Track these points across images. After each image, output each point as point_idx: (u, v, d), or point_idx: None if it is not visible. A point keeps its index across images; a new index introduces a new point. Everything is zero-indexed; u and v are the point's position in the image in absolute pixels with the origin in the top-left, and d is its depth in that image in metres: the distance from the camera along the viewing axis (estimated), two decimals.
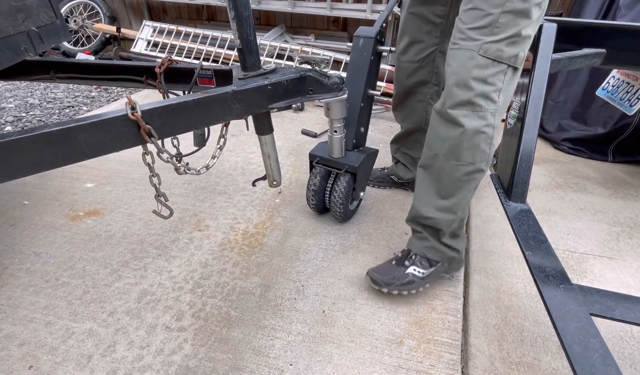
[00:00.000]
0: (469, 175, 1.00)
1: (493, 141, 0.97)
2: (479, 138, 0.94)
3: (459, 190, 1.03)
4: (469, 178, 1.00)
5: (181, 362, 0.96)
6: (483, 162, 0.98)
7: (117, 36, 3.31)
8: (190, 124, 0.89)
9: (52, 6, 1.27)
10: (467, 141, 0.95)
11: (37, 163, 0.74)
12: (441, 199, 1.05)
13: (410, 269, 1.12)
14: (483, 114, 0.92)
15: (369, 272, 1.15)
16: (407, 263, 1.13)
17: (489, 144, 0.97)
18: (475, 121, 0.93)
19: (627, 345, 1.03)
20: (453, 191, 1.03)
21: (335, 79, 1.04)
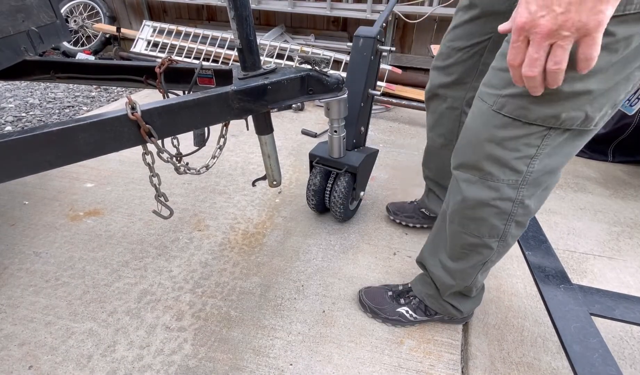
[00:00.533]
0: (473, 248, 0.83)
1: (518, 218, 0.75)
2: (484, 212, 0.75)
3: (464, 259, 0.87)
4: (472, 250, 0.84)
5: (181, 362, 0.96)
6: (493, 238, 0.79)
7: (117, 36, 3.31)
8: (190, 124, 0.89)
9: (52, 6, 1.27)
10: (469, 211, 0.78)
11: (37, 163, 0.74)
12: (448, 258, 0.91)
13: (403, 309, 1.04)
14: (494, 185, 0.71)
15: (361, 291, 1.12)
16: (402, 302, 1.05)
17: (506, 220, 0.75)
18: (480, 191, 0.73)
19: (627, 345, 1.03)
20: (458, 256, 0.88)
21: (335, 79, 1.04)
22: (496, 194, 0.72)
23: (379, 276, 1.23)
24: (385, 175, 1.80)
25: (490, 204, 0.74)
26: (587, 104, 0.58)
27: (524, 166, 0.68)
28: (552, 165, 0.68)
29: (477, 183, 0.74)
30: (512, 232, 0.78)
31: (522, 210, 0.74)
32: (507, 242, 0.81)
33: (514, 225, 0.77)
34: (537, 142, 0.65)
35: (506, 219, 0.75)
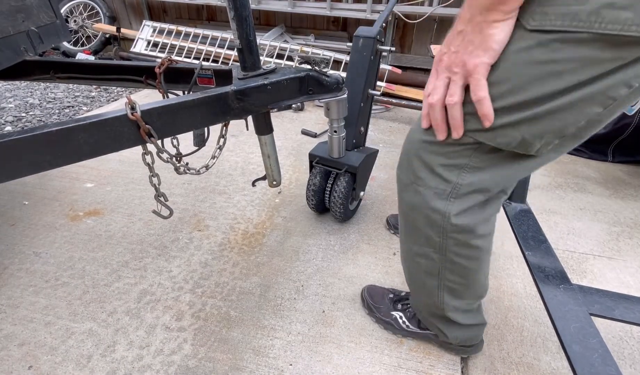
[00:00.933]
0: (413, 256, 0.81)
1: (454, 235, 0.70)
2: (417, 218, 0.73)
3: (409, 270, 0.86)
4: (412, 257, 0.81)
5: (181, 362, 0.96)
6: (431, 248, 0.75)
7: (117, 36, 3.31)
8: (190, 124, 0.89)
9: (52, 6, 1.27)
10: (405, 214, 0.76)
11: (37, 163, 0.74)
12: (403, 266, 0.91)
13: (397, 314, 1.02)
14: (422, 191, 0.69)
15: (364, 288, 1.13)
16: (399, 307, 1.03)
17: (440, 233, 0.71)
18: (412, 195, 0.71)
19: (627, 345, 1.03)
20: (410, 264, 0.86)
21: (335, 79, 1.04)
22: (423, 201, 0.69)
23: (379, 276, 1.23)
24: (385, 175, 1.80)
25: (419, 210, 0.71)
26: (524, 126, 0.55)
27: (452, 177, 0.65)
28: (486, 183, 0.64)
29: (409, 186, 0.72)
30: (452, 249, 0.72)
31: (453, 227, 0.69)
32: (452, 260, 0.74)
33: (453, 243, 0.71)
34: (467, 153, 0.62)
35: (440, 232, 0.71)
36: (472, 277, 0.78)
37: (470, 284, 0.80)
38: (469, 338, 0.93)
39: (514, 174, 0.64)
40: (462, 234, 0.70)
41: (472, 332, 0.92)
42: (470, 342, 0.94)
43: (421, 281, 0.84)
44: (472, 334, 0.93)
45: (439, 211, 0.68)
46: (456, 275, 0.78)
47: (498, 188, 0.67)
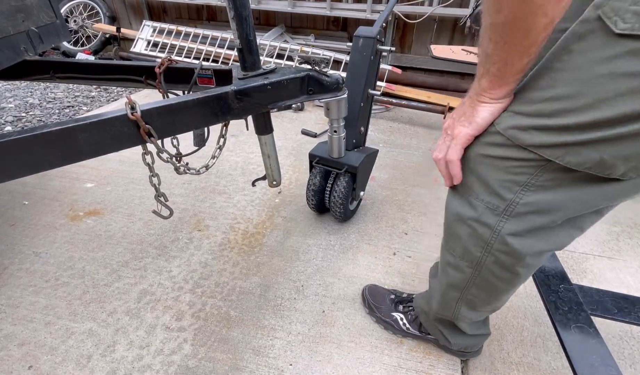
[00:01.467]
0: (447, 265, 0.78)
1: (499, 255, 0.65)
2: (460, 229, 0.69)
3: (440, 275, 0.82)
4: (446, 267, 0.78)
5: (181, 362, 0.96)
6: (465, 262, 0.71)
7: (117, 36, 3.30)
8: (189, 124, 0.89)
9: (52, 6, 1.27)
10: (448, 223, 0.73)
11: (37, 163, 0.74)
12: (431, 277, 0.90)
13: (398, 315, 1.02)
14: (474, 203, 0.64)
15: (366, 287, 1.13)
16: (401, 309, 1.03)
17: (482, 248, 0.66)
18: (460, 206, 0.68)
19: (627, 345, 1.03)
20: (435, 275, 0.86)
21: (335, 79, 1.04)
22: (474, 213, 0.65)
23: (379, 276, 1.23)
24: (385, 175, 1.80)
25: (465, 221, 0.67)
26: (605, 146, 0.48)
27: (511, 194, 0.59)
28: (549, 203, 0.57)
29: (459, 195, 0.68)
30: (490, 267, 0.68)
31: (502, 247, 0.64)
32: (485, 278, 0.70)
33: (493, 261, 0.67)
34: (530, 170, 0.56)
35: (483, 248, 0.66)
36: (498, 296, 0.75)
37: (492, 301, 0.77)
38: (470, 346, 0.93)
39: (587, 199, 0.56)
40: (508, 257, 0.65)
41: (475, 340, 0.92)
42: (471, 349, 0.94)
43: (442, 291, 0.81)
44: (474, 343, 0.92)
45: (489, 226, 0.63)
46: (482, 291, 0.74)
47: (564, 214, 0.59)
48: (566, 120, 0.50)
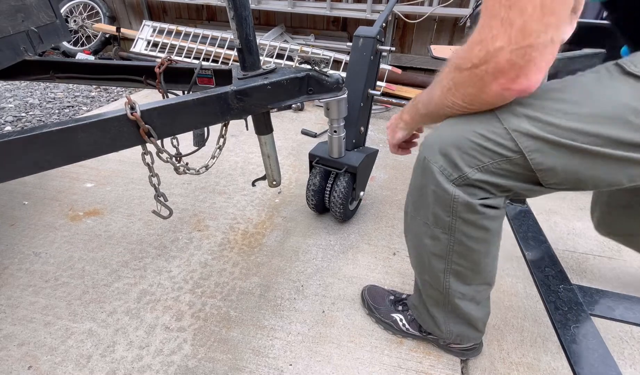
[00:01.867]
0: (421, 237, 0.79)
1: (465, 214, 0.68)
2: (425, 192, 0.73)
3: (416, 252, 0.83)
4: (420, 238, 0.79)
5: (181, 362, 0.96)
6: (438, 228, 0.73)
7: (117, 36, 3.31)
8: (189, 124, 0.89)
9: (52, 6, 1.27)
10: (416, 188, 0.77)
11: (37, 163, 0.74)
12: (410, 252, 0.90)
13: (397, 315, 1.02)
14: (432, 167, 0.69)
15: (365, 288, 1.13)
16: (400, 309, 1.03)
17: (449, 213, 0.69)
18: (421, 170, 0.73)
19: (627, 345, 1.03)
20: (413, 251, 0.86)
21: (335, 79, 1.04)
22: (432, 178, 0.69)
23: (379, 276, 1.23)
24: (385, 175, 1.80)
25: (428, 187, 0.70)
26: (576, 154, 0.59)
27: (465, 167, 0.65)
28: (494, 184, 0.65)
29: (422, 161, 0.72)
30: (461, 229, 0.70)
31: (461, 208, 0.68)
32: (460, 241, 0.72)
33: (462, 223, 0.70)
34: (495, 157, 0.63)
35: (450, 212, 0.69)
36: (480, 260, 0.75)
37: (477, 269, 0.77)
38: (461, 332, 0.89)
39: (522, 187, 0.65)
40: (470, 214, 0.68)
41: (470, 330, 0.88)
42: (469, 341, 0.93)
43: (428, 264, 0.80)
44: (467, 331, 0.89)
45: (447, 191, 0.67)
46: (463, 258, 0.75)
47: (503, 191, 0.67)
48: (558, 120, 0.58)
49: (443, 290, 0.81)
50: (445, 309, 0.85)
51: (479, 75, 0.56)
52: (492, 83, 0.56)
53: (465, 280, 0.79)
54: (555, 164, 0.60)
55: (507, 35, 0.51)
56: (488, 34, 0.53)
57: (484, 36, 0.53)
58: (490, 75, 0.55)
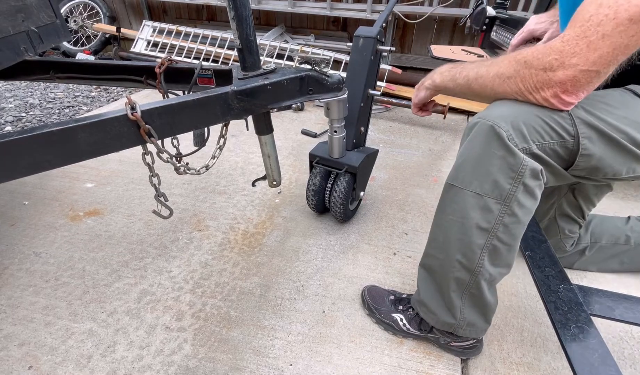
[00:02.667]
0: (467, 211, 0.81)
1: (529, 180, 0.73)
2: (489, 155, 0.77)
3: (450, 230, 0.84)
4: (464, 212, 0.81)
5: (181, 362, 0.96)
6: (492, 198, 0.76)
7: (117, 36, 3.30)
8: (190, 124, 0.89)
9: (52, 6, 1.27)
10: (477, 161, 0.79)
11: (37, 163, 0.74)
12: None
13: (397, 315, 1.02)
14: (501, 132, 0.74)
15: (365, 288, 1.13)
16: (400, 308, 1.04)
17: (512, 179, 0.73)
18: (487, 129, 0.76)
19: (627, 345, 1.03)
20: (445, 229, 0.87)
21: (335, 79, 1.04)
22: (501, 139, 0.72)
23: (379, 276, 1.23)
24: (385, 175, 1.80)
25: (496, 150, 0.72)
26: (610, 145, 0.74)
27: (540, 138, 0.72)
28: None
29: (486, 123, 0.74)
30: (519, 198, 0.74)
31: (528, 172, 0.71)
32: (513, 212, 0.75)
33: (522, 191, 0.73)
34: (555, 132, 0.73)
35: (513, 178, 0.72)
36: (518, 235, 0.79)
37: (513, 246, 0.80)
38: (476, 325, 0.90)
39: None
40: (533, 180, 0.72)
41: (484, 315, 0.90)
42: (477, 332, 0.92)
43: (468, 240, 0.79)
44: (480, 323, 0.90)
45: (517, 156, 0.70)
46: (507, 232, 0.77)
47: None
48: (605, 116, 0.72)
49: (474, 269, 0.82)
50: (467, 293, 0.86)
51: (545, 78, 0.66)
52: (550, 89, 0.66)
53: (495, 260, 0.81)
54: (596, 150, 0.72)
55: (586, 57, 0.60)
56: (570, 49, 0.61)
57: (566, 49, 0.62)
58: (553, 82, 0.65)
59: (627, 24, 0.57)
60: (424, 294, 0.94)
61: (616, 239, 1.17)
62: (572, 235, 1.17)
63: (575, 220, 1.14)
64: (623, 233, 1.17)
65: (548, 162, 0.74)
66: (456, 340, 0.96)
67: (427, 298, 0.93)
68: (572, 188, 1.10)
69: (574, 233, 1.17)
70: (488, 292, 0.86)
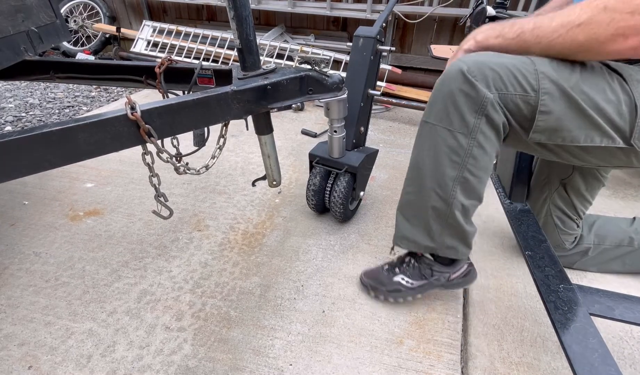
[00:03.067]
0: (441, 145, 0.90)
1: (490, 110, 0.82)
2: (454, 90, 0.87)
3: (429, 161, 0.93)
4: (438, 146, 0.90)
5: (181, 362, 0.96)
6: (461, 133, 0.86)
7: (117, 36, 3.31)
8: (190, 124, 0.89)
9: (52, 6, 1.27)
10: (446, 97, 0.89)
11: (37, 163, 0.74)
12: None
13: (399, 277, 1.07)
14: (473, 78, 0.83)
15: (361, 274, 1.17)
16: (398, 270, 1.08)
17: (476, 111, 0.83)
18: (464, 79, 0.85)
19: (627, 345, 1.03)
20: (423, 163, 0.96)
21: (335, 79, 1.04)
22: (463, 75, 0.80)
23: None
24: (385, 175, 1.80)
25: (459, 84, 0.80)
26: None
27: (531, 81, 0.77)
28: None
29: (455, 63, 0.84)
30: (482, 129, 0.82)
31: (489, 102, 0.79)
32: (479, 143, 0.83)
33: (485, 122, 0.81)
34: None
35: (476, 111, 0.80)
36: (487, 167, 0.87)
37: (482, 179, 0.88)
38: (457, 249, 0.97)
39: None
40: (494, 112, 0.79)
41: (463, 240, 0.96)
42: (457, 254, 0.98)
43: (442, 173, 0.87)
44: (460, 247, 0.97)
45: (480, 91, 0.78)
46: (475, 165, 0.85)
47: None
48: (573, 77, 0.76)
49: (448, 200, 0.89)
50: (444, 221, 0.93)
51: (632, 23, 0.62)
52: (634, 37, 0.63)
53: (467, 192, 0.89)
54: (555, 108, 0.75)
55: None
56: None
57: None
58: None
59: None
60: (403, 229, 1.00)
61: (620, 240, 1.17)
62: (570, 232, 1.17)
63: (569, 217, 1.14)
64: (627, 235, 1.17)
65: (505, 112, 0.80)
66: (453, 271, 1.03)
67: (407, 231, 0.99)
68: (562, 183, 1.11)
69: (573, 230, 1.17)
70: (464, 221, 0.92)
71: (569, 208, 1.13)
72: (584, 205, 1.13)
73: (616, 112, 0.75)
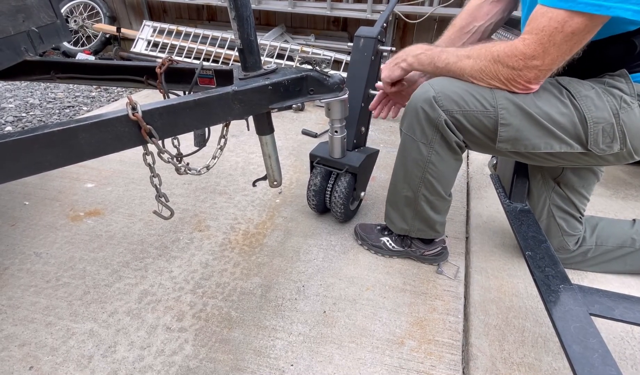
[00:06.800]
0: (410, 147, 1.08)
1: (442, 131, 0.99)
2: (418, 109, 1.01)
3: (403, 161, 1.11)
4: (409, 149, 1.08)
5: (182, 362, 0.96)
6: (422, 142, 1.03)
7: (117, 36, 3.31)
8: (190, 124, 0.89)
9: (52, 6, 1.27)
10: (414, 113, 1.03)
11: (38, 163, 0.74)
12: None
13: (385, 239, 1.28)
14: (434, 99, 0.97)
15: (357, 225, 1.37)
16: (386, 233, 1.29)
17: (432, 127, 0.99)
18: (427, 100, 0.99)
19: (628, 345, 1.03)
20: (400, 162, 1.14)
21: (336, 79, 1.04)
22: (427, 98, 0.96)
23: (380, 276, 1.23)
24: (385, 176, 1.80)
25: (422, 105, 0.97)
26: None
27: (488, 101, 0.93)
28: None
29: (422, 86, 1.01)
30: (436, 147, 1.00)
31: (442, 125, 0.95)
32: (437, 152, 1.01)
33: (440, 139, 0.99)
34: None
35: (433, 127, 0.97)
36: (441, 177, 1.06)
37: (440, 183, 1.07)
38: (426, 231, 1.18)
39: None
40: (447, 133, 0.96)
41: (430, 226, 1.17)
42: (427, 235, 1.20)
43: (410, 171, 1.07)
44: (429, 231, 1.18)
45: (437, 111, 0.94)
46: (434, 171, 1.04)
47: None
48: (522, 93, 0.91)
49: (416, 192, 1.10)
50: (414, 209, 1.14)
51: (514, 74, 0.84)
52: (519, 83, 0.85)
53: (430, 190, 1.08)
54: (513, 121, 0.89)
55: (543, 60, 0.79)
56: (530, 52, 0.79)
57: (528, 52, 0.79)
58: (521, 77, 0.84)
59: (570, 36, 0.75)
60: (388, 212, 1.24)
61: (622, 242, 1.18)
62: (574, 233, 1.17)
63: (571, 215, 1.15)
64: (629, 236, 1.18)
65: (467, 127, 0.94)
66: (427, 249, 1.23)
67: (390, 214, 1.22)
68: (556, 181, 1.13)
69: (576, 230, 1.17)
70: (430, 210, 1.13)
71: (570, 206, 1.14)
72: (581, 201, 1.14)
73: (570, 122, 0.88)
